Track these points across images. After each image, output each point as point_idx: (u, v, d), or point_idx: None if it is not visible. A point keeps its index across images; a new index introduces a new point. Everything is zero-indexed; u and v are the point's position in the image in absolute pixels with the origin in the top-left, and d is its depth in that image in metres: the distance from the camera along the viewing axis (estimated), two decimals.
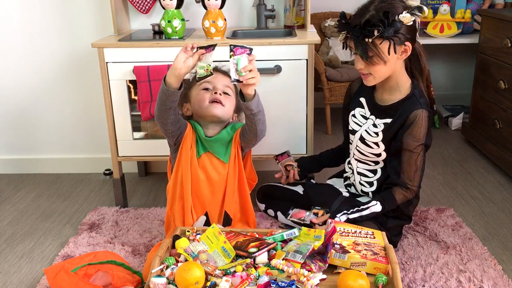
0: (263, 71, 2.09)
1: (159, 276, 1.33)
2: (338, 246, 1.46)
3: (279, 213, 2.09)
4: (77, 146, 2.77)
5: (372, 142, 1.84)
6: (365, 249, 1.45)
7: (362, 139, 1.87)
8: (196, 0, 2.34)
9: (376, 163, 1.88)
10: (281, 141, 2.20)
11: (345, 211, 1.78)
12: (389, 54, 1.68)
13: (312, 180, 2.13)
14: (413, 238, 2.01)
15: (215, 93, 1.82)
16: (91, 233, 2.11)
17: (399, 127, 1.77)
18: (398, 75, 1.79)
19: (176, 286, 1.31)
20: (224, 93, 1.85)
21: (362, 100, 1.91)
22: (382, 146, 1.83)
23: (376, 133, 1.83)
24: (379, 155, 1.85)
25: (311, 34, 2.24)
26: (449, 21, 3.27)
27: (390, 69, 1.75)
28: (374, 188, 1.91)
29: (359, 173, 1.93)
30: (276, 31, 2.42)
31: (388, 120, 1.80)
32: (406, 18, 1.65)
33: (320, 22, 3.44)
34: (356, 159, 1.93)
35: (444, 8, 3.26)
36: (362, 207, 1.79)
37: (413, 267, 1.81)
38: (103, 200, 2.46)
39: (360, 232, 1.56)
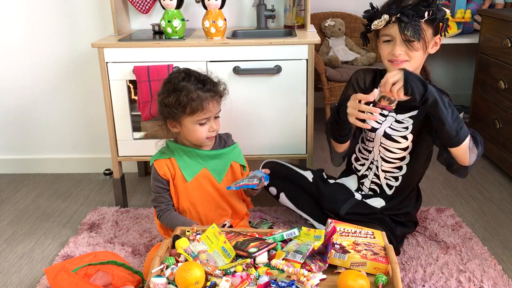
0: (263, 71, 2.10)
1: (159, 276, 1.33)
2: (338, 246, 1.46)
3: (282, 194, 2.01)
4: (77, 146, 2.77)
5: (400, 137, 1.82)
6: (365, 249, 1.45)
7: (387, 136, 1.84)
8: (196, 0, 2.34)
9: (402, 159, 1.86)
10: (281, 141, 2.20)
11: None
12: (441, 35, 1.73)
13: (323, 173, 2.07)
14: (413, 238, 2.01)
15: (212, 131, 1.77)
16: (91, 233, 2.11)
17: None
18: (418, 71, 1.80)
19: (176, 286, 1.31)
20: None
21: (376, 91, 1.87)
22: (410, 138, 1.81)
23: (406, 128, 1.81)
24: (406, 148, 1.84)
25: (311, 34, 2.24)
26: (449, 21, 3.27)
27: (422, 60, 1.75)
28: (399, 182, 1.89)
29: (384, 171, 1.90)
30: (276, 31, 2.42)
31: (414, 113, 1.79)
32: (444, 10, 1.72)
33: (320, 22, 3.44)
34: (381, 157, 1.89)
35: None
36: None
37: (413, 267, 1.81)
38: (103, 200, 2.46)
39: (360, 232, 1.56)
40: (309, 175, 2.04)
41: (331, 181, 2.05)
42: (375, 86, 1.88)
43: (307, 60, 2.09)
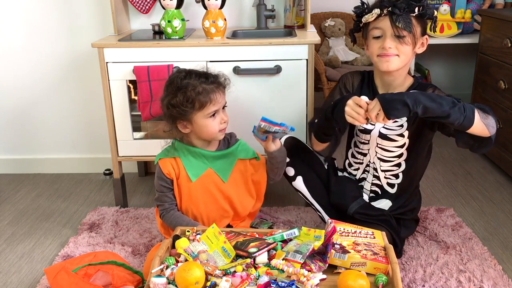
0: (263, 71, 2.10)
1: (159, 276, 1.33)
2: (338, 246, 1.46)
3: (299, 178, 1.95)
4: (77, 146, 2.77)
5: (396, 135, 1.83)
6: (365, 249, 1.45)
7: (383, 136, 1.84)
8: (196, 0, 2.34)
9: (400, 156, 1.86)
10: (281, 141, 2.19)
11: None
12: (431, 30, 1.76)
13: (335, 162, 2.06)
14: (413, 238, 2.01)
15: (224, 122, 1.79)
16: (91, 233, 2.11)
17: None
18: (406, 71, 1.82)
19: (176, 286, 1.31)
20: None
21: (366, 99, 1.88)
22: (406, 134, 1.82)
23: (400, 125, 1.82)
24: (402, 145, 1.84)
25: (311, 34, 2.24)
26: (449, 21, 3.27)
27: (410, 58, 1.77)
28: (400, 180, 1.89)
29: (384, 171, 1.90)
30: (276, 31, 2.42)
31: None
32: (433, 9, 1.76)
33: (320, 22, 3.44)
34: (378, 158, 1.89)
35: (444, 8, 3.25)
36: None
37: (413, 267, 1.81)
38: (103, 200, 2.46)
39: (360, 232, 1.56)
40: (324, 161, 2.02)
41: (340, 173, 2.05)
42: (362, 88, 1.90)
43: (307, 60, 2.09)
